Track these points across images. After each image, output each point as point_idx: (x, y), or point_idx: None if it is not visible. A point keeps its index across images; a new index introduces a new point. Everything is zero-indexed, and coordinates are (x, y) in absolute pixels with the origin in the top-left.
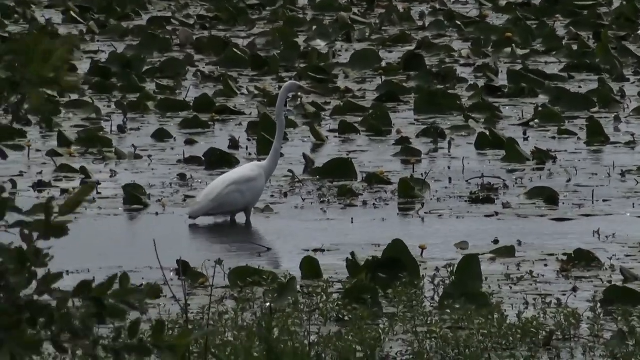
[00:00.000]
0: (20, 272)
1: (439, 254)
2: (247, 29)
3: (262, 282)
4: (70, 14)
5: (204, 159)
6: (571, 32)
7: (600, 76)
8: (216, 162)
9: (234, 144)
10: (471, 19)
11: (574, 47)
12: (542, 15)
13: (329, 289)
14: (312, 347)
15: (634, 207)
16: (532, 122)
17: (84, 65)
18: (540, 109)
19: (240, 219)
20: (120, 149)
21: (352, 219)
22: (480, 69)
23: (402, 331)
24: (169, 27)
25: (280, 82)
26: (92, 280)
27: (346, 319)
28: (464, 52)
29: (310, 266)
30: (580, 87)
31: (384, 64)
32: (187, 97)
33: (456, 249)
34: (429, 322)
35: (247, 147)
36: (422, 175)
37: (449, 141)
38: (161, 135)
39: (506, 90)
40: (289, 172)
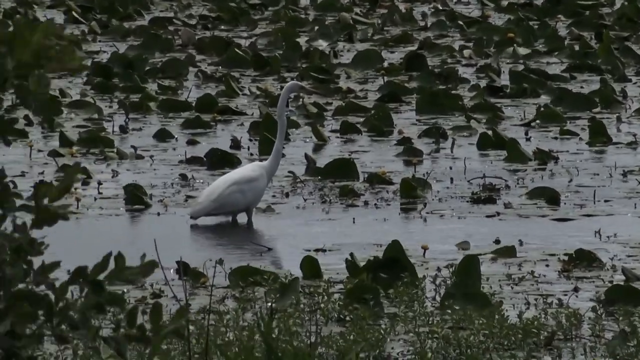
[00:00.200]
0: (16, 262)
1: (441, 254)
2: (249, 29)
3: (262, 282)
4: (72, 14)
5: (206, 159)
6: (573, 32)
7: (602, 77)
8: (217, 162)
9: (236, 144)
10: (473, 19)
11: (576, 47)
12: (544, 15)
13: (330, 289)
14: (315, 347)
15: (636, 208)
16: (533, 123)
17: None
18: (542, 109)
19: (241, 219)
20: (121, 149)
21: (354, 219)
22: (482, 69)
23: (403, 331)
24: (171, 27)
25: (282, 82)
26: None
27: (347, 319)
28: (466, 52)
29: (310, 266)
30: (582, 87)
31: (385, 64)
32: (189, 97)
33: (457, 249)
34: (430, 322)
35: (248, 148)
36: (423, 175)
37: (452, 141)
38: (163, 135)
39: (508, 90)
40: (290, 172)
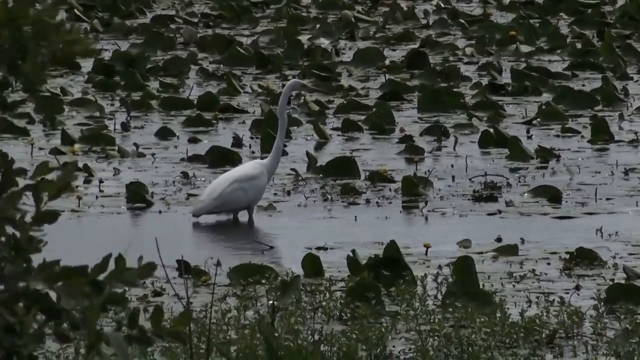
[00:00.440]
0: (15, 260)
1: (442, 252)
2: (251, 27)
3: (263, 281)
4: (74, 12)
5: (207, 157)
6: (575, 30)
7: (604, 74)
8: (218, 160)
9: (238, 142)
10: (475, 17)
11: (578, 45)
12: (546, 13)
13: (332, 287)
14: (317, 345)
15: (637, 206)
16: (535, 121)
17: (87, 63)
18: (543, 107)
19: (243, 217)
20: (123, 147)
21: (356, 217)
22: (484, 67)
23: (405, 329)
24: (173, 26)
25: (283, 80)
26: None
27: (349, 317)
28: (468, 50)
29: (312, 264)
30: (583, 85)
31: (387, 62)
32: (191, 95)
33: (459, 247)
34: (431, 320)
35: (250, 146)
36: (425, 173)
37: (455, 140)
38: (164, 133)
39: (510, 88)
40: (292, 170)
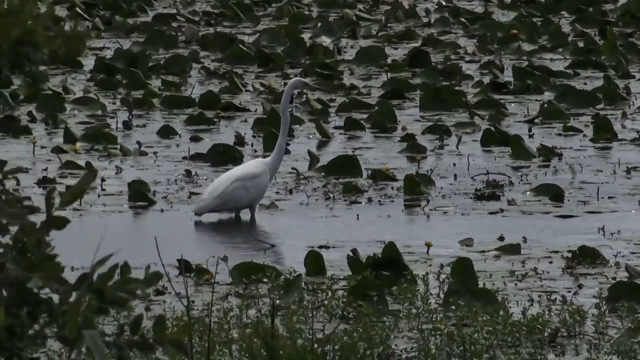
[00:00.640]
0: (20, 263)
1: (444, 250)
2: (253, 26)
3: (265, 279)
4: (75, 10)
5: (209, 156)
6: (577, 28)
7: (605, 73)
8: (220, 158)
9: (240, 141)
10: (477, 15)
11: (580, 44)
12: (548, 12)
13: (334, 286)
14: (320, 344)
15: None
16: (537, 119)
17: (89, 61)
18: (545, 105)
19: (245, 215)
20: (125, 145)
21: (358, 215)
22: (485, 65)
23: (407, 328)
24: (175, 24)
25: (285, 78)
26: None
27: (351, 315)
28: (470, 48)
29: (314, 263)
30: (585, 84)
31: (389, 60)
32: (193, 93)
33: (461, 246)
34: (434, 319)
35: (252, 144)
36: (427, 172)
37: (458, 138)
38: (166, 132)
39: (511, 87)
40: (294, 169)
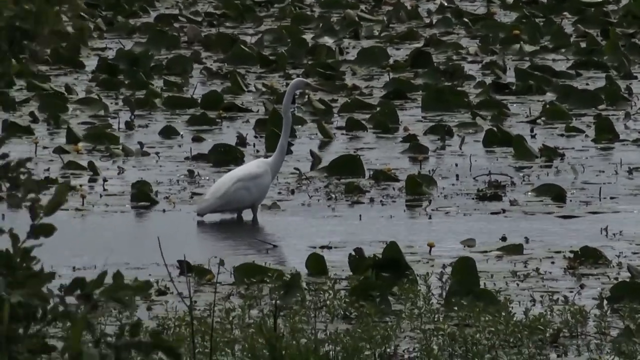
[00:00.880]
0: (5, 276)
1: (446, 251)
2: (255, 26)
3: (267, 280)
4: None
5: (211, 156)
6: (579, 29)
7: (607, 74)
8: (222, 158)
9: (242, 141)
10: (479, 16)
11: (582, 44)
12: (550, 12)
13: (336, 286)
14: (322, 344)
15: None
16: (539, 120)
17: (91, 62)
18: (547, 106)
19: (247, 216)
20: (127, 145)
21: (360, 215)
22: (487, 66)
23: (409, 328)
24: (177, 24)
25: (287, 79)
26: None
27: (353, 316)
28: (472, 49)
29: (316, 263)
30: (587, 84)
31: (391, 61)
32: (195, 94)
33: (463, 246)
34: (436, 319)
35: (254, 145)
36: (429, 172)
37: (461, 139)
38: (168, 132)
39: (514, 87)
40: (296, 169)
